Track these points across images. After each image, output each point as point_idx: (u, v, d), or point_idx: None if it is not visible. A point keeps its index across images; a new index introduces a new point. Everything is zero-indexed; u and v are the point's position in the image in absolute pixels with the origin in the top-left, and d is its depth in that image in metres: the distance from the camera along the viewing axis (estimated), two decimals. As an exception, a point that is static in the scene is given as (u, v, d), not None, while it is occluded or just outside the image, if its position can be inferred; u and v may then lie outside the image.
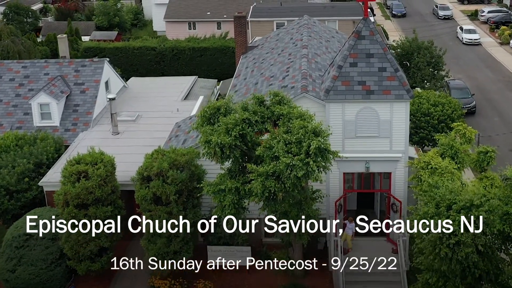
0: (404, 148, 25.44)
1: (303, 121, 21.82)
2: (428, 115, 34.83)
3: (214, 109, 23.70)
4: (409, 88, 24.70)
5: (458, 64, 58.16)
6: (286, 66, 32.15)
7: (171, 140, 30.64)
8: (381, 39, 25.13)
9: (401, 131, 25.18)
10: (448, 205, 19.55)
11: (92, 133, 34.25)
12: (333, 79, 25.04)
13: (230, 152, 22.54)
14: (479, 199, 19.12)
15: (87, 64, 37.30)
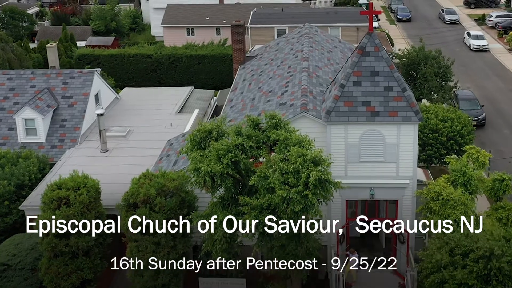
0: (412, 174, 23.41)
1: (301, 149, 19.82)
2: (436, 131, 32.81)
3: (204, 133, 21.72)
4: (417, 110, 22.67)
5: (466, 72, 56.07)
6: (285, 81, 30.15)
7: (162, 160, 28.67)
8: (387, 55, 23.11)
9: (409, 156, 23.16)
10: (465, 252, 17.49)
11: (79, 150, 32.28)
12: (334, 99, 23.03)
13: (222, 181, 20.57)
14: (500, 248, 17.06)
15: (76, 75, 35.34)
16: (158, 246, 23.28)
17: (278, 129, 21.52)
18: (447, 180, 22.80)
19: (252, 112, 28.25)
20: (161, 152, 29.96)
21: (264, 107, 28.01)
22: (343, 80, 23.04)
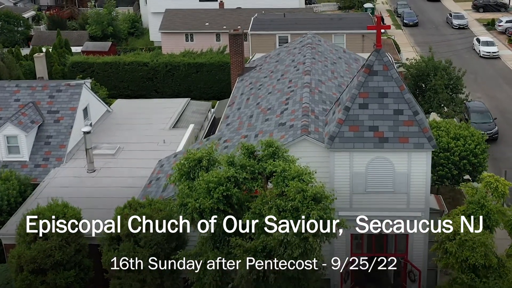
0: (424, 206, 21.16)
1: (301, 183, 17.60)
2: (447, 150, 30.46)
3: (193, 162, 19.54)
4: (431, 136, 20.42)
5: (475, 80, 53.71)
6: (286, 97, 27.92)
7: (151, 184, 26.47)
8: (398, 75, 20.86)
9: (421, 186, 20.92)
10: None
11: (64, 170, 30.12)
12: (338, 124, 20.79)
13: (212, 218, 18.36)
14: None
15: (63, 88, 33.17)
16: (143, 284, 21.13)
17: (275, 159, 19.33)
18: (463, 213, 20.51)
19: (249, 132, 26.07)
20: (151, 174, 27.77)
21: (262, 127, 25.80)
22: (348, 102, 20.79)
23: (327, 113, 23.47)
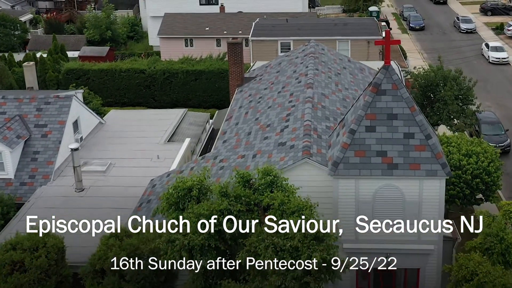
0: (437, 238, 19.31)
1: (301, 219, 15.76)
2: (459, 168, 28.59)
3: (183, 191, 17.73)
4: (445, 162, 18.57)
5: (485, 88, 51.72)
6: (286, 112, 26.09)
7: (142, 207, 24.67)
8: (408, 94, 19.00)
9: (434, 216, 19.05)
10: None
11: (51, 188, 28.36)
12: (343, 148, 18.94)
13: (202, 255, 16.58)
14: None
15: (52, 101, 31.41)
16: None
17: (273, 188, 17.51)
18: (480, 247, 18.67)
19: (247, 152, 24.25)
20: (142, 195, 25.97)
21: (261, 146, 23.98)
22: (353, 125, 18.95)
23: (330, 134, 21.61)
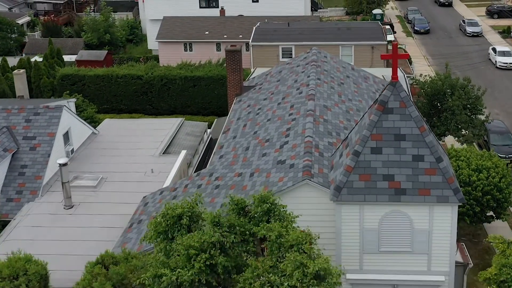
0: (448, 268, 17.81)
1: (301, 255, 14.30)
2: (469, 185, 27.15)
3: (172, 219, 16.28)
4: (457, 187, 17.09)
5: (492, 94, 50.13)
6: (286, 126, 24.65)
7: (132, 228, 23.22)
8: (418, 113, 17.53)
9: (445, 246, 17.59)
10: None
11: (39, 205, 26.91)
12: (346, 171, 17.47)
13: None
14: None
15: (41, 111, 29.98)
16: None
17: (271, 217, 16.05)
18: (494, 279, 17.19)
19: (244, 170, 22.81)
20: (133, 214, 24.54)
21: (259, 164, 22.53)
22: (358, 146, 17.47)
23: (333, 153, 20.13)
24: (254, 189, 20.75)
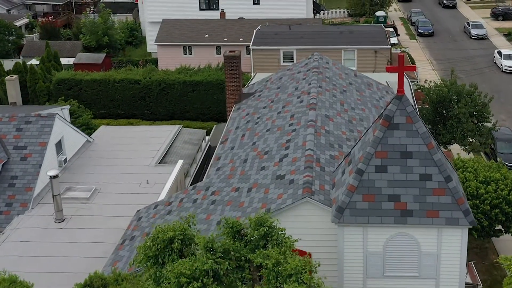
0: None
1: (300, 286, 13.24)
2: (477, 198, 26.08)
3: (163, 243, 15.22)
4: (468, 209, 16.01)
5: (498, 99, 48.94)
6: (286, 138, 23.58)
7: (124, 245, 22.17)
8: (425, 129, 16.45)
9: (454, 270, 16.50)
10: None
11: (29, 219, 25.88)
12: (349, 191, 16.39)
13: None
14: None
15: (33, 120, 28.95)
16: None
17: (268, 242, 14.98)
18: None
19: (241, 184, 21.75)
20: (126, 229, 23.49)
21: (257, 178, 21.47)
22: (361, 164, 16.39)
23: (335, 169, 19.06)
24: (251, 206, 19.71)
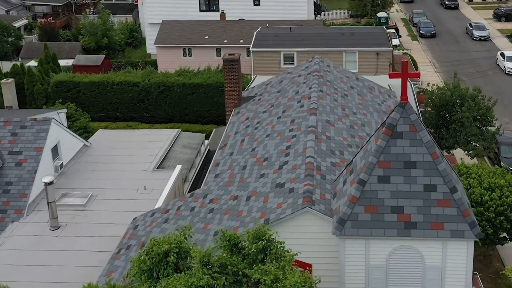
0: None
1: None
2: (481, 205, 25.52)
3: (158, 257, 14.68)
4: (474, 221, 15.47)
5: (501, 102, 48.33)
6: (286, 144, 23.05)
7: (120, 254, 21.62)
8: (430, 138, 15.89)
9: (459, 284, 15.95)
10: None
11: (24, 226, 25.33)
12: (351, 202, 15.84)
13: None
14: None
15: (28, 124, 28.39)
16: None
17: (266, 255, 14.44)
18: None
19: (240, 192, 21.21)
20: (122, 238, 22.95)
21: (256, 186, 20.93)
22: (363, 174, 15.83)
23: (336, 179, 18.50)
24: (250, 215, 19.17)
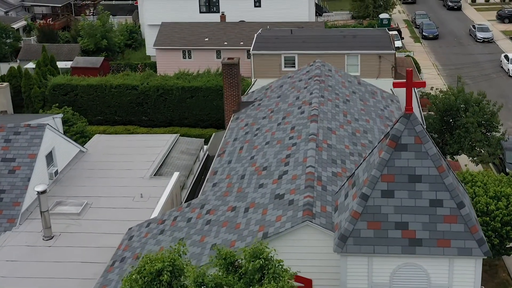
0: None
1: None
2: (487, 214, 24.80)
3: (151, 276, 13.98)
4: (482, 238, 14.73)
5: (505, 105, 47.44)
6: (286, 153, 22.34)
7: (114, 267, 20.93)
8: (436, 150, 15.16)
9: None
10: None
11: (17, 236, 24.61)
12: (353, 218, 15.11)
13: None
14: None
15: (22, 131, 27.67)
16: None
17: (264, 274, 13.74)
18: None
19: (238, 203, 20.50)
20: (117, 249, 22.25)
21: (255, 197, 20.22)
22: (366, 188, 15.10)
23: (337, 191, 17.77)
24: (248, 228, 18.47)
